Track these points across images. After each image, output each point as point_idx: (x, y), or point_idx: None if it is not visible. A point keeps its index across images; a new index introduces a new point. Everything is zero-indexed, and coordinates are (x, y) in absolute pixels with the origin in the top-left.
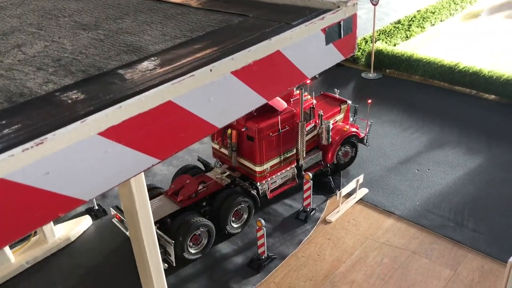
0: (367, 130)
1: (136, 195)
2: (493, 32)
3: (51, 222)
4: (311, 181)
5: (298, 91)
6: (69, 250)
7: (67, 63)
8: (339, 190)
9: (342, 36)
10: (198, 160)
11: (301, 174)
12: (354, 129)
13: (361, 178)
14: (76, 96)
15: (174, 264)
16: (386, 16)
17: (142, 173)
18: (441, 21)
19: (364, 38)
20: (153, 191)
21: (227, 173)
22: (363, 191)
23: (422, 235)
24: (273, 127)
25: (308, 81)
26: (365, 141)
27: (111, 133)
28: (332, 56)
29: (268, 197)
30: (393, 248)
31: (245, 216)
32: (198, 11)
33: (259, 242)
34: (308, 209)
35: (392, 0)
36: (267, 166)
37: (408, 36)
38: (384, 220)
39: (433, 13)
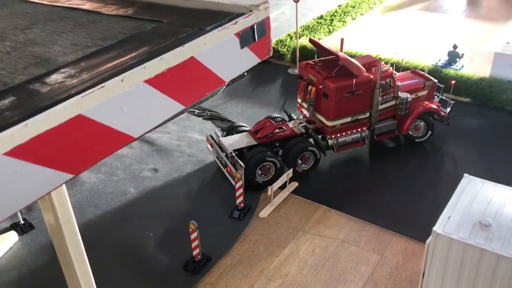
0: (449, 109)
1: (59, 210)
2: (409, 24)
3: None
4: (243, 179)
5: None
6: None
7: None
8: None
9: (256, 40)
10: (284, 111)
11: (373, 137)
12: (434, 106)
13: (290, 172)
14: None
15: (244, 185)
16: (310, 12)
17: (64, 186)
18: (361, 14)
19: (289, 35)
20: (239, 128)
21: (304, 124)
22: (294, 185)
23: (351, 223)
24: (347, 89)
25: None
26: (445, 120)
27: (18, 152)
28: (248, 59)
29: (335, 151)
30: (323, 238)
31: (311, 162)
32: (111, 18)
33: (193, 244)
34: (241, 207)
35: None
36: (338, 122)
37: (331, 30)
38: (314, 212)
39: (354, 7)
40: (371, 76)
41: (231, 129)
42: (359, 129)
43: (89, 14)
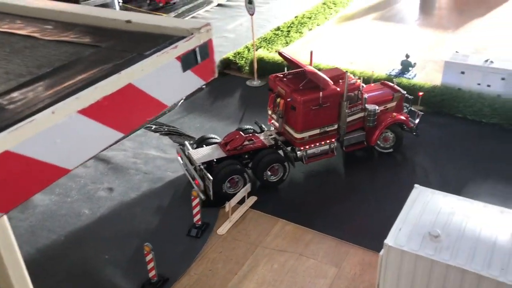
0: (417, 120)
1: None
2: (364, 34)
3: None
4: (199, 197)
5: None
6: None
7: None
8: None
9: (199, 62)
10: (255, 123)
11: (342, 149)
12: (403, 118)
13: (248, 186)
14: None
15: (212, 198)
16: (268, 23)
17: (5, 216)
18: (317, 25)
19: (247, 47)
20: (210, 140)
21: (273, 136)
22: (252, 199)
23: (309, 236)
24: (314, 101)
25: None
26: (414, 131)
27: None
28: (192, 82)
29: (305, 163)
30: (282, 252)
31: (281, 173)
32: (49, 43)
33: (149, 266)
34: (198, 225)
35: (273, 7)
36: (306, 134)
37: (288, 42)
38: (273, 226)
39: (310, 18)
40: (338, 89)
41: (201, 141)
42: (328, 141)
43: (26, 39)
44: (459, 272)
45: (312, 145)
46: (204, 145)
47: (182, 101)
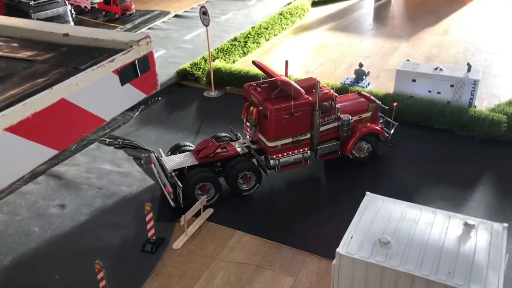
0: (392, 131)
1: None
2: (319, 44)
3: None
4: (152, 212)
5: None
6: None
7: None
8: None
9: (139, 75)
10: (231, 131)
11: (316, 158)
12: (377, 128)
13: (203, 199)
14: None
15: (182, 206)
16: (225, 34)
17: None
18: (274, 35)
19: (204, 57)
20: (184, 148)
21: (247, 144)
22: (209, 212)
23: (266, 246)
24: (285, 110)
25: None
26: (389, 141)
27: None
28: (132, 96)
29: (277, 171)
30: (238, 265)
31: (253, 182)
32: None
33: (101, 285)
34: (153, 240)
35: (230, 17)
36: (278, 143)
37: (246, 52)
38: (229, 238)
39: (267, 28)
40: (311, 98)
41: (175, 148)
42: (301, 150)
43: None
44: (408, 277)
45: (285, 154)
46: (177, 153)
47: (137, 113)
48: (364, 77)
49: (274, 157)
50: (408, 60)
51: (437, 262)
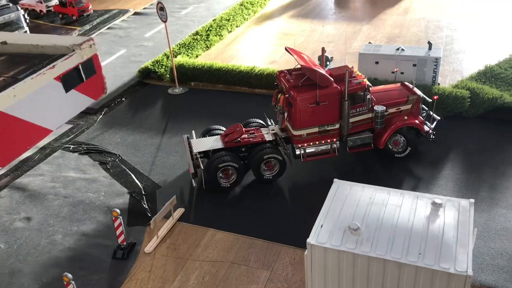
0: (433, 125)
1: None
2: (283, 32)
3: None
4: (120, 217)
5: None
6: None
7: None
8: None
9: (84, 80)
10: (264, 117)
11: (347, 149)
12: (415, 122)
13: (173, 199)
14: None
15: (204, 187)
16: (186, 28)
17: None
18: (237, 26)
19: (165, 54)
20: (215, 131)
21: (275, 131)
22: (180, 211)
23: (239, 242)
24: (311, 99)
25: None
26: (430, 136)
27: None
28: (78, 102)
29: (302, 161)
30: (213, 263)
31: (277, 169)
32: None
33: None
34: (124, 245)
35: (191, 11)
36: (303, 132)
37: (209, 45)
38: (202, 236)
39: (228, 20)
40: (339, 88)
41: (206, 132)
42: (329, 140)
43: None
44: (380, 262)
45: (311, 143)
46: (207, 136)
47: (100, 116)
48: (328, 63)
49: (300, 146)
50: (369, 42)
51: (407, 244)
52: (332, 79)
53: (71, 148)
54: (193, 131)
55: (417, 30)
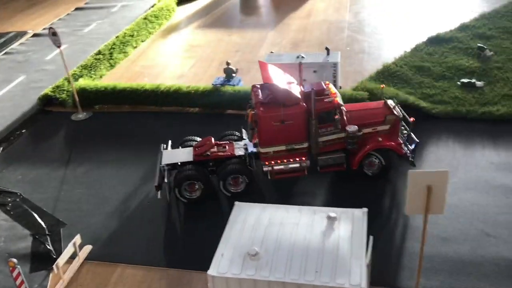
0: (412, 148)
1: None
2: (189, 45)
3: None
4: (18, 266)
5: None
6: None
7: None
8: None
9: None
10: (243, 128)
11: (317, 168)
12: (391, 143)
13: (78, 238)
14: None
15: (168, 200)
16: (90, 47)
17: None
18: (142, 41)
19: (66, 78)
20: (190, 142)
21: (246, 146)
22: (87, 249)
23: (151, 274)
24: (276, 118)
25: None
26: (409, 158)
27: None
28: None
29: (270, 178)
30: None
31: (243, 186)
32: None
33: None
34: None
35: (94, 28)
36: (270, 150)
37: (113, 64)
38: (112, 273)
39: (132, 36)
40: (306, 106)
41: (182, 142)
42: (297, 159)
43: None
44: (280, 285)
45: (279, 161)
46: (181, 147)
47: None
48: (233, 75)
49: (267, 163)
50: (271, 52)
51: (304, 264)
52: (299, 97)
53: None
54: (170, 141)
55: (320, 33)
